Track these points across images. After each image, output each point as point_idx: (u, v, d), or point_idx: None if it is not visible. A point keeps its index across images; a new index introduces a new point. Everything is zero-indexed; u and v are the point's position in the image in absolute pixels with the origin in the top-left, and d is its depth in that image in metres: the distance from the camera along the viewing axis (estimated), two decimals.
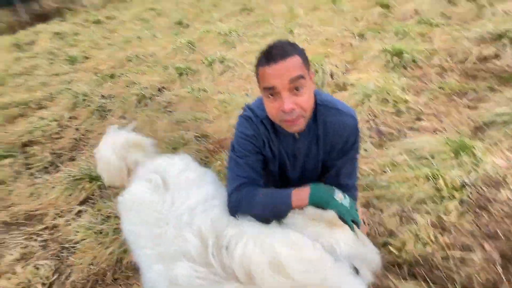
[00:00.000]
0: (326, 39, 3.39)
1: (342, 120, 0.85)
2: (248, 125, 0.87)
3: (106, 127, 2.36)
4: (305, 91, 0.74)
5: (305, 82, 0.73)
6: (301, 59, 0.73)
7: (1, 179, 1.92)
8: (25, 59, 4.40)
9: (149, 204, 0.83)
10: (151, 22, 5.83)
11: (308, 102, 0.75)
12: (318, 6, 4.74)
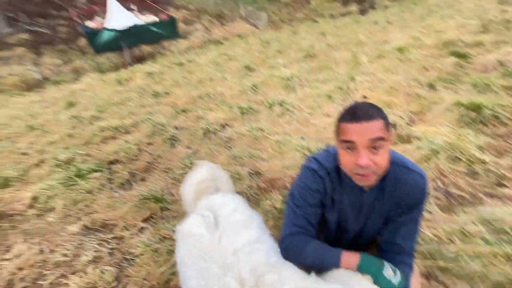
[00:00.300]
0: (390, 88, 3.33)
1: (412, 179, 0.86)
2: (313, 179, 0.90)
3: (174, 154, 2.68)
4: (383, 151, 0.78)
5: (384, 143, 0.77)
6: (384, 122, 0.77)
7: (89, 189, 2.31)
8: (123, 92, 5.43)
9: (199, 238, 0.91)
10: (223, 66, 6.64)
11: (383, 161, 0.78)
12: (384, 54, 4.75)
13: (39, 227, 1.99)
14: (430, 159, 1.83)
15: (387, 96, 3.09)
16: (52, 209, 2.17)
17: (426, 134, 2.13)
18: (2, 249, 1.81)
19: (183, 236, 0.99)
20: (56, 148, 3.21)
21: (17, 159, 3.13)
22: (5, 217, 2.14)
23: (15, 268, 1.60)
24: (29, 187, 2.49)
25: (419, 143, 2.03)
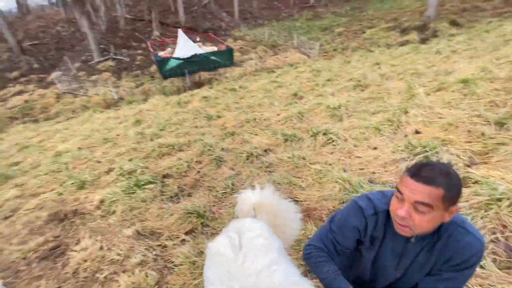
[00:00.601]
0: (449, 124, 3.08)
1: (468, 240, 0.84)
2: (355, 216, 0.94)
3: (219, 174, 2.88)
4: (426, 216, 0.78)
5: (430, 210, 0.77)
6: (443, 193, 0.75)
7: (144, 198, 2.62)
8: (181, 113, 6.07)
9: (224, 257, 1.00)
10: (272, 92, 6.93)
11: (423, 223, 0.79)
12: (444, 86, 4.42)
13: (102, 226, 2.33)
14: (489, 207, 1.64)
15: (444, 133, 2.86)
16: (114, 212, 2.51)
17: (487, 179, 1.91)
18: (74, 241, 2.16)
19: (211, 254, 1.08)
20: (122, 159, 3.73)
21: (92, 166, 3.73)
22: (78, 214, 2.56)
23: (81, 259, 1.90)
24: (98, 191, 2.93)
25: (478, 188, 1.83)
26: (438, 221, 0.80)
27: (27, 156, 4.88)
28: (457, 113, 3.30)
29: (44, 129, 7.30)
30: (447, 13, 12.89)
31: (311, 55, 11.95)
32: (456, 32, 10.58)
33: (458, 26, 11.26)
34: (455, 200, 0.78)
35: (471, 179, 2.00)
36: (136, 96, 10.02)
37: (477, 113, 3.17)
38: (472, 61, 5.82)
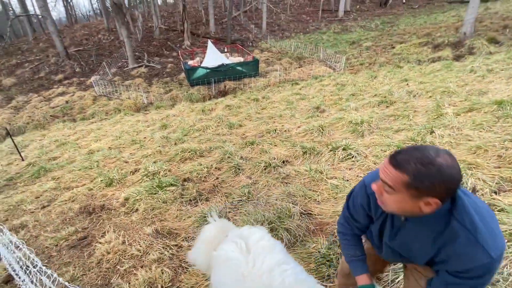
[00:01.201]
0: (477, 147, 2.94)
1: (473, 251, 0.80)
2: (361, 193, 1.02)
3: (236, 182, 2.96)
4: (391, 196, 0.82)
5: (393, 192, 0.81)
6: (408, 180, 0.76)
7: (165, 199, 2.77)
8: (204, 120, 6.31)
9: (235, 261, 1.07)
10: (294, 104, 6.99)
11: (387, 202, 0.85)
12: (476, 107, 4.22)
13: (125, 222, 2.49)
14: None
15: (471, 156, 2.74)
16: (136, 210, 2.68)
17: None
18: (100, 233, 2.34)
19: (220, 261, 1.15)
20: (148, 161, 3.96)
21: (120, 165, 3.99)
22: (105, 209, 2.76)
23: (105, 251, 2.05)
24: (124, 189, 3.14)
25: (503, 217, 1.75)
26: (408, 207, 0.81)
27: (64, 152, 5.32)
28: (488, 136, 3.15)
29: (80, 128, 7.91)
30: (486, 29, 12.28)
31: (336, 69, 11.90)
32: (494, 50, 10.03)
33: (497, 44, 10.67)
34: (426, 191, 0.76)
35: (497, 206, 1.91)
36: (164, 102, 10.54)
37: (511, 137, 3.01)
38: (510, 81, 5.50)
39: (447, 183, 0.75)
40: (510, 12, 14.93)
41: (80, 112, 10.56)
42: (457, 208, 0.82)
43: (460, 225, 0.81)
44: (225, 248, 1.16)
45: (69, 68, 15.61)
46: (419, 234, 0.89)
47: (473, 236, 0.80)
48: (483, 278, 0.82)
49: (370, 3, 25.70)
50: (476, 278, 0.82)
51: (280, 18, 22.56)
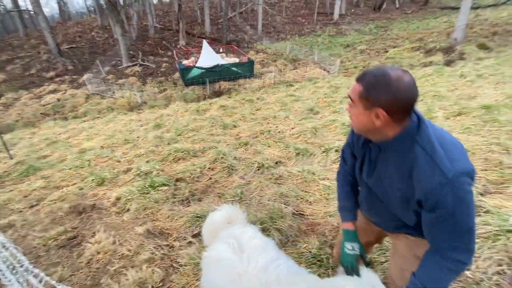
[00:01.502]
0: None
1: (428, 172, 0.81)
2: (351, 132, 1.09)
3: (229, 182, 2.96)
4: (352, 110, 0.90)
5: (352, 105, 0.89)
6: (361, 90, 0.84)
7: (157, 199, 2.76)
8: (199, 120, 6.29)
9: (229, 261, 1.08)
10: (288, 106, 7.02)
11: (352, 118, 0.93)
12: (465, 111, 4.33)
13: (116, 222, 2.47)
14: (498, 238, 1.60)
15: None
16: (128, 210, 2.65)
17: (499, 209, 1.87)
18: (90, 233, 2.31)
19: (212, 261, 1.15)
20: (140, 161, 3.93)
21: (112, 164, 3.95)
22: (96, 209, 2.73)
23: (95, 251, 2.03)
24: (116, 188, 3.11)
25: (488, 218, 1.80)
26: (364, 119, 0.87)
27: (55, 151, 5.23)
28: (475, 140, 3.23)
29: (71, 126, 7.79)
30: (476, 36, 12.59)
31: (331, 71, 12.01)
32: (484, 56, 10.28)
33: (487, 50, 10.95)
34: (374, 101, 0.82)
35: (482, 208, 1.96)
36: (158, 101, 10.47)
37: (497, 141, 3.10)
38: (498, 87, 5.65)
39: (395, 94, 0.80)
40: (499, 19, 15.34)
41: (72, 111, 10.40)
42: (420, 134, 0.85)
43: (421, 149, 0.84)
44: (217, 248, 1.16)
45: (61, 66, 15.36)
46: (390, 165, 0.92)
47: (430, 157, 0.82)
48: (447, 206, 0.81)
49: (365, 7, 26.05)
50: (439, 207, 0.81)
51: (275, 20, 22.67)
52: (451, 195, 0.79)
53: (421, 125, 0.86)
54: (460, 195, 0.80)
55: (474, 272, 1.47)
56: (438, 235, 0.87)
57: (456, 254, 0.86)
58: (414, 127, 0.86)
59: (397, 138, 0.87)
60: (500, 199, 2.03)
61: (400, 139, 0.87)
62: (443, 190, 0.79)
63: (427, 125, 0.87)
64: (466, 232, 0.84)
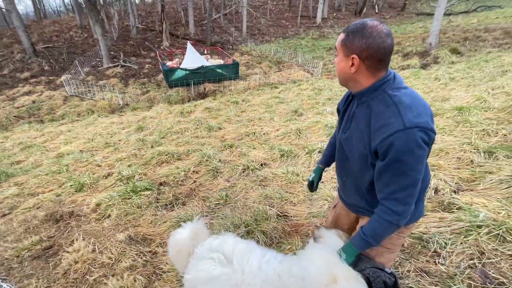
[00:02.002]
0: (440, 150, 3.17)
1: (389, 118, 0.87)
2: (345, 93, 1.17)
3: (214, 185, 2.94)
4: (336, 59, 0.99)
5: (337, 52, 0.97)
6: (343, 37, 0.93)
7: (139, 204, 2.69)
8: (183, 123, 6.20)
9: (224, 276, 1.04)
10: (273, 108, 7.08)
11: (336, 64, 0.99)
12: (439, 112, 4.55)
13: (96, 229, 2.39)
14: (469, 233, 1.70)
15: (434, 158, 2.94)
16: (109, 216, 2.57)
17: (471, 205, 1.98)
18: (67, 242, 2.21)
19: (202, 282, 1.08)
20: (122, 165, 3.82)
21: (92, 169, 3.81)
22: (74, 216, 2.62)
23: (73, 260, 1.95)
24: (96, 194, 3.00)
25: (460, 214, 1.89)
26: (342, 65, 0.95)
27: (30, 155, 4.98)
28: (449, 140, 3.40)
29: (48, 130, 7.44)
30: (449, 41, 13.26)
31: (314, 74, 12.23)
32: (456, 60, 10.85)
33: (459, 54, 11.57)
34: (351, 47, 0.90)
35: (455, 205, 2.07)
36: (141, 103, 10.22)
37: (468, 140, 3.27)
38: (469, 89, 5.98)
39: (367, 39, 0.87)
40: (470, 25, 16.25)
41: (49, 113, 9.95)
42: (391, 86, 0.92)
43: (388, 97, 0.90)
44: (203, 268, 1.10)
45: (37, 66, 14.66)
46: (361, 119, 0.98)
47: (395, 105, 0.88)
48: (397, 151, 0.85)
49: (346, 12, 26.77)
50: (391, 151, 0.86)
51: (260, 22, 22.81)
52: (402, 143, 0.84)
53: (396, 80, 0.93)
54: (410, 145, 0.84)
55: (448, 267, 1.55)
56: (383, 182, 0.93)
57: (393, 204, 0.91)
58: (387, 81, 0.92)
59: (369, 87, 0.94)
60: (472, 196, 2.15)
61: (372, 88, 0.93)
62: (397, 136, 0.84)
63: (401, 82, 0.93)
64: (409, 185, 0.89)
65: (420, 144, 0.84)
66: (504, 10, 19.34)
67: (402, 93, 0.90)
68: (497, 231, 1.65)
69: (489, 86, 5.79)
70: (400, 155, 0.85)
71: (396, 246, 1.09)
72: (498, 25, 14.82)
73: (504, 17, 16.90)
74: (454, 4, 21.36)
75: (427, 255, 1.65)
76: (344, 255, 1.02)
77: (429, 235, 1.77)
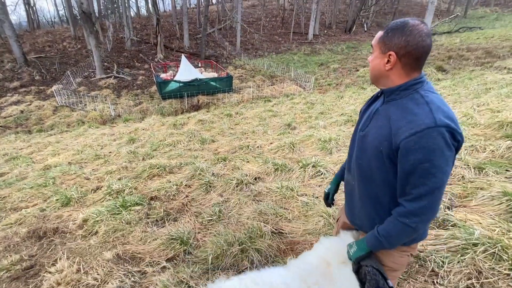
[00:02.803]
0: None
1: (418, 115, 0.84)
2: None
3: (207, 200, 2.87)
4: (371, 57, 0.99)
5: (373, 50, 0.97)
6: (383, 35, 0.93)
7: (129, 220, 2.59)
8: (175, 135, 6.13)
9: None
10: (267, 121, 7.12)
11: (371, 62, 0.99)
12: None
13: (82, 247, 2.27)
14: (466, 251, 1.68)
15: None
16: (96, 233, 2.46)
17: (465, 222, 1.98)
18: (50, 261, 2.09)
19: None
20: (112, 178, 3.71)
21: (80, 182, 3.69)
22: (59, 232, 2.49)
23: (55, 282, 1.83)
24: (83, 209, 2.88)
25: (455, 231, 1.89)
26: (377, 65, 0.95)
27: (14, 167, 4.79)
28: None
29: (36, 140, 7.23)
30: (434, 59, 13.83)
31: (306, 88, 12.46)
32: (442, 77, 11.28)
33: (444, 72, 12.04)
34: (390, 43, 0.90)
35: (450, 221, 2.07)
36: (134, 115, 10.13)
37: (458, 156, 3.33)
38: (455, 106, 6.17)
39: (407, 37, 0.87)
40: (453, 44, 17.04)
41: (37, 123, 9.72)
42: (423, 88, 0.91)
43: (420, 96, 0.89)
44: None
45: (28, 76, 14.45)
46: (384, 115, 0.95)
47: (426, 103, 0.86)
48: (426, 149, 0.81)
49: (337, 29, 27.74)
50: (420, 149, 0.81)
51: (253, 37, 23.34)
52: (432, 141, 0.80)
53: (428, 84, 0.93)
54: (440, 144, 0.80)
55: (446, 287, 1.52)
56: (408, 183, 0.86)
57: (415, 206, 0.86)
58: (420, 82, 0.92)
59: (401, 85, 0.92)
60: (465, 213, 2.16)
61: (404, 87, 0.92)
62: (427, 133, 0.80)
63: (432, 87, 0.93)
64: (436, 187, 0.84)
65: (450, 144, 0.82)
66: (484, 31, 20.43)
67: (433, 96, 0.89)
68: (493, 249, 1.64)
69: (475, 103, 6.00)
70: (430, 154, 0.81)
71: (398, 264, 1.05)
72: (480, 45, 15.61)
73: (484, 37, 17.83)
74: (438, 25, 22.49)
75: (425, 274, 1.63)
76: (355, 247, 1.01)
77: (426, 253, 1.75)
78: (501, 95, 6.25)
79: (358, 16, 26.80)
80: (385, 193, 0.97)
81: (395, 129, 0.88)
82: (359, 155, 1.04)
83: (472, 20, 27.55)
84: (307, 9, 27.72)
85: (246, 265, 1.86)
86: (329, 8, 30.90)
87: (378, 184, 0.97)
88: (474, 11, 31.78)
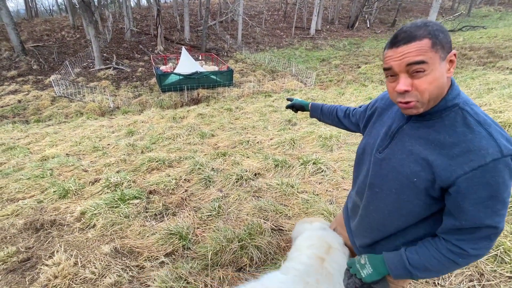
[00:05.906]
0: None
1: (478, 145, 0.67)
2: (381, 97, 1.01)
3: (206, 195, 2.84)
4: (427, 75, 0.70)
5: (427, 66, 0.69)
6: (430, 42, 0.68)
7: (127, 214, 2.56)
8: (175, 128, 6.08)
9: None
10: (267, 116, 7.06)
11: (427, 85, 0.70)
12: None
13: (79, 240, 2.24)
14: None
15: None
16: (94, 226, 2.43)
17: None
18: (47, 254, 2.07)
19: None
20: (110, 171, 3.67)
21: (78, 174, 3.65)
22: (56, 225, 2.47)
23: (52, 275, 1.81)
24: (81, 201, 2.86)
25: None
26: (441, 78, 0.71)
27: (11, 158, 4.74)
28: None
29: (33, 131, 7.16)
30: None
31: (307, 84, 12.37)
32: None
33: None
34: (446, 45, 0.70)
35: None
36: (133, 107, 10.04)
37: None
38: None
39: (447, 34, 0.71)
40: (456, 43, 16.91)
41: (35, 113, 9.61)
42: (465, 100, 0.74)
43: (467, 115, 0.71)
44: None
45: (25, 65, 14.26)
46: (415, 138, 0.78)
47: (481, 126, 0.69)
48: (497, 188, 0.67)
49: (339, 25, 27.47)
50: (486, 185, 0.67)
51: (255, 31, 23.08)
52: (500, 175, 0.66)
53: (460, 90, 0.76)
54: (505, 177, 0.67)
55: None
56: (465, 223, 0.71)
57: (470, 243, 0.72)
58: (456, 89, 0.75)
59: (447, 99, 0.73)
60: None
61: (444, 101, 0.73)
62: (494, 167, 0.66)
63: (468, 98, 0.76)
64: (499, 222, 0.70)
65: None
66: (487, 31, 20.29)
67: (479, 110, 0.73)
68: (495, 251, 1.63)
69: (477, 103, 5.97)
70: (495, 191, 0.68)
71: (406, 282, 1.00)
72: (482, 45, 15.51)
73: (487, 37, 17.71)
74: (441, 23, 22.26)
75: None
76: (370, 270, 0.84)
77: None
78: (503, 96, 6.22)
79: (361, 12, 26.52)
80: (403, 222, 0.83)
81: (443, 160, 0.71)
82: (376, 182, 0.87)
83: (476, 18, 27.33)
84: (310, 3, 27.40)
85: (245, 262, 1.85)
86: (332, 3, 30.56)
87: (401, 215, 0.82)
88: (478, 10, 31.52)
